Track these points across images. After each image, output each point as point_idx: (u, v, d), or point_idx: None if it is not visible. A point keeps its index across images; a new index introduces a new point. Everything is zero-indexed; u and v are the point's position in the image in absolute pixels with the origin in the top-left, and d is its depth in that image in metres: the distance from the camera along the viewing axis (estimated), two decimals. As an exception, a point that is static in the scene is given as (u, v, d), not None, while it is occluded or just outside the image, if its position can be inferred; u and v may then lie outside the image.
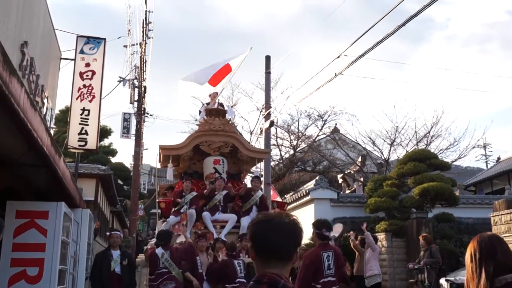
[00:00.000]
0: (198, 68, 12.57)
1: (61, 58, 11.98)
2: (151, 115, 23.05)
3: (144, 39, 20.10)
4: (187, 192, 9.18)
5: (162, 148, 10.07)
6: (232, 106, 12.02)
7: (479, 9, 70.61)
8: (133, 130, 22.29)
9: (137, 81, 21.18)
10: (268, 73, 17.75)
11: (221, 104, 11.38)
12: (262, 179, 10.66)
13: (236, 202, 9.64)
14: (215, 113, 10.40)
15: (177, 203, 9.03)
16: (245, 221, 8.90)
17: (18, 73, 3.65)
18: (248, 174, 12.90)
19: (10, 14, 6.38)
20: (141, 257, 8.99)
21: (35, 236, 5.54)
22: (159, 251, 7.55)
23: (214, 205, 9.14)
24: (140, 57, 20.53)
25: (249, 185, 10.53)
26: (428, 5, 7.94)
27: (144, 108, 21.70)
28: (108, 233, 8.26)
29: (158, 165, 12.17)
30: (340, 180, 24.90)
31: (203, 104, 11.30)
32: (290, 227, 1.89)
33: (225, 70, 11.98)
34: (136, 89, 21.28)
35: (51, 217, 5.67)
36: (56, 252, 5.59)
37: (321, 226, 6.06)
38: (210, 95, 11.24)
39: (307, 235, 11.02)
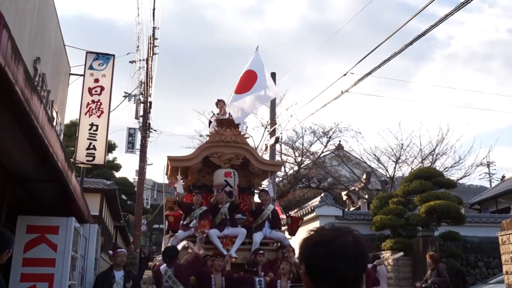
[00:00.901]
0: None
1: (71, 74, 12.10)
2: (155, 130, 23.16)
3: (151, 55, 20.27)
4: (197, 206, 8.74)
5: (171, 159, 9.55)
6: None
7: (481, 28, 71.08)
8: (137, 145, 22.32)
9: (142, 96, 21.31)
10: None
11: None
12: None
13: (247, 216, 9.21)
14: (226, 123, 9.88)
15: (186, 219, 8.72)
16: (258, 237, 8.60)
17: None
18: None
19: (24, 31, 6.49)
20: (147, 273, 8.52)
21: (45, 251, 5.55)
22: (163, 268, 7.19)
23: (221, 220, 8.75)
24: (146, 72, 20.69)
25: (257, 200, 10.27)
26: (436, 24, 8.04)
27: (149, 123, 21.80)
28: (111, 252, 7.33)
29: (163, 180, 11.92)
30: (345, 197, 24.85)
31: (213, 114, 10.69)
32: (356, 248, 1.54)
33: (248, 76, 11.09)
34: (142, 105, 21.40)
35: (61, 232, 5.69)
36: (66, 268, 5.59)
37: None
38: (217, 104, 10.79)
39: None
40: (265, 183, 11.94)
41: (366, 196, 22.18)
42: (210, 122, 10.67)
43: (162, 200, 24.76)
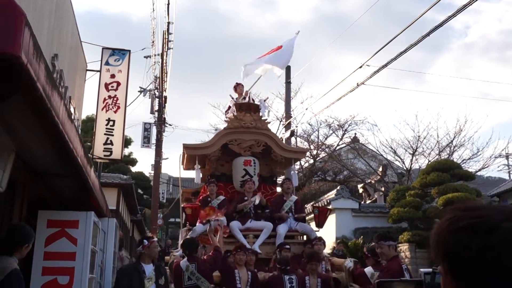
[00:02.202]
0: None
1: (87, 70, 12.20)
2: (170, 125, 23.30)
3: (165, 50, 20.35)
4: (213, 197, 8.22)
5: (187, 147, 8.86)
6: (265, 100, 10.02)
7: (498, 16, 69.94)
8: (153, 139, 22.48)
9: (157, 91, 21.42)
10: (288, 83, 17.86)
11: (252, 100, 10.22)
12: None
13: (270, 208, 8.54)
14: (246, 108, 9.13)
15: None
16: (283, 229, 8.02)
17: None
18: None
19: (42, 28, 6.56)
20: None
21: (66, 245, 5.63)
22: (183, 263, 6.45)
23: (245, 212, 8.16)
24: (161, 67, 20.78)
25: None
26: (454, 15, 7.97)
27: (164, 118, 21.92)
28: (146, 241, 6.13)
29: (179, 174, 11.10)
30: (361, 190, 24.75)
31: (232, 98, 9.97)
32: None
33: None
34: (157, 99, 21.52)
35: (81, 226, 5.76)
36: (86, 261, 5.66)
37: (393, 236, 5.61)
38: (236, 88, 10.00)
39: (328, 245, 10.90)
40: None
41: (383, 189, 22.06)
42: (229, 107, 10.04)
43: (178, 194, 24.93)
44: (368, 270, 6.51)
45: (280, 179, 11.05)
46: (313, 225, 9.34)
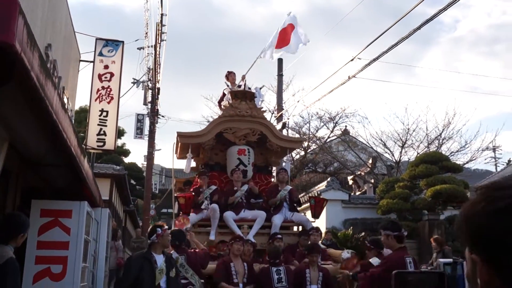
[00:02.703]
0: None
1: (80, 60, 12.12)
2: (163, 116, 23.20)
3: (159, 42, 20.21)
4: (205, 187, 7.98)
5: (180, 135, 8.44)
6: (260, 88, 9.61)
7: (487, 11, 70.21)
8: (146, 131, 22.39)
9: (150, 82, 21.31)
10: (280, 75, 17.81)
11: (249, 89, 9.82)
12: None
13: (264, 198, 8.22)
14: (241, 96, 8.71)
15: (197, 202, 7.84)
16: (278, 220, 7.72)
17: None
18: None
19: (36, 18, 6.48)
20: None
21: (59, 235, 5.61)
22: (172, 254, 6.01)
23: (237, 202, 7.85)
24: (154, 59, 20.65)
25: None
26: (444, 9, 7.98)
27: (157, 110, 21.82)
28: (159, 230, 5.50)
29: (172, 165, 10.70)
30: (351, 182, 24.87)
31: (227, 86, 9.55)
32: None
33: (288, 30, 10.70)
34: (150, 91, 21.41)
35: (74, 216, 5.74)
36: (79, 250, 5.66)
37: (399, 226, 5.14)
38: (228, 77, 9.64)
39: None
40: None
41: (372, 181, 22.18)
42: (223, 94, 9.61)
43: (170, 185, 24.89)
44: (374, 261, 6.31)
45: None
46: (308, 215, 9.19)
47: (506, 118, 68.59)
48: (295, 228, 8.55)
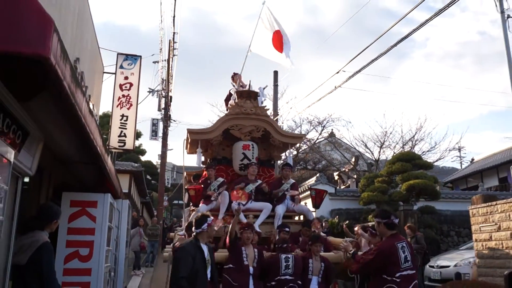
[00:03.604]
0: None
1: (104, 72, 12.11)
2: (174, 121, 23.15)
3: (171, 56, 20.22)
4: (212, 180, 7.64)
5: (190, 132, 8.08)
6: (264, 88, 9.06)
7: (454, 30, 70.34)
8: (160, 133, 22.39)
9: (164, 91, 21.31)
10: (276, 85, 17.80)
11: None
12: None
13: (269, 192, 7.80)
14: (246, 95, 8.37)
15: (206, 194, 7.47)
16: (281, 210, 7.38)
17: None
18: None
19: (66, 35, 6.47)
20: (168, 250, 6.68)
21: (86, 222, 5.60)
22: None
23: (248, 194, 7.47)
24: (167, 71, 20.65)
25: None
26: (417, 29, 7.98)
27: (170, 115, 21.82)
28: (210, 219, 4.85)
29: (181, 161, 9.95)
30: (336, 177, 24.88)
31: (233, 86, 9.06)
32: None
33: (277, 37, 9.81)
34: (163, 99, 21.41)
35: (99, 206, 5.73)
36: (103, 236, 5.64)
37: (388, 214, 4.60)
38: (233, 78, 9.16)
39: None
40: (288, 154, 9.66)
41: (355, 176, 22.21)
42: (230, 94, 9.04)
43: (181, 180, 24.88)
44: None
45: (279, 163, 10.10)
46: (309, 206, 8.71)
47: (470, 123, 68.80)
48: (296, 218, 8.10)
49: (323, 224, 12.72)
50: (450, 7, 6.50)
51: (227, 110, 8.56)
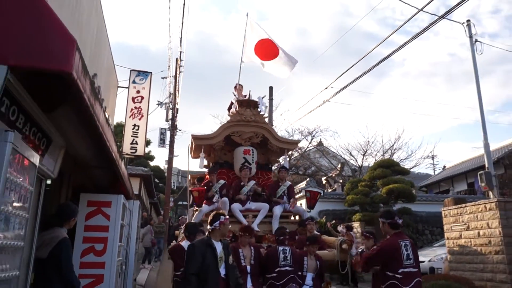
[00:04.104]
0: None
1: (118, 86, 12.10)
2: (180, 130, 23.12)
3: (178, 73, 20.25)
4: (214, 182, 7.43)
5: (195, 137, 7.85)
6: (263, 98, 8.72)
7: (428, 51, 70.89)
8: (167, 141, 22.34)
9: (171, 104, 21.30)
10: (271, 99, 17.83)
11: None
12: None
13: (266, 193, 7.59)
14: (246, 104, 8.21)
15: (209, 196, 7.26)
16: (278, 210, 7.14)
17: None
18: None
19: (85, 53, 6.48)
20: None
21: (101, 220, 5.56)
22: (185, 243, 5.46)
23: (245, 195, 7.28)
24: (174, 86, 20.67)
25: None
26: (397, 50, 8.13)
27: (176, 125, 21.79)
28: (222, 217, 4.35)
29: (186, 166, 9.78)
30: (324, 182, 24.87)
31: (235, 95, 8.74)
32: None
33: (266, 44, 9.24)
34: (170, 110, 21.40)
35: (113, 206, 5.69)
36: (116, 233, 5.59)
37: (392, 214, 4.34)
38: (236, 89, 8.85)
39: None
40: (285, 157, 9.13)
41: (341, 181, 22.20)
42: (231, 103, 8.74)
43: (185, 183, 24.77)
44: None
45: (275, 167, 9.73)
46: (304, 206, 8.54)
47: (442, 134, 69.01)
48: (292, 218, 7.88)
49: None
50: (425, 32, 6.56)
51: (229, 117, 8.44)
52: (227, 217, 4.41)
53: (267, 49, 9.22)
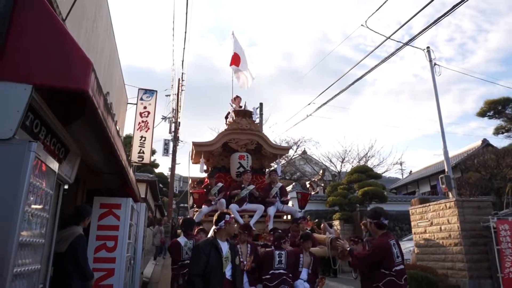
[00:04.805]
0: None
1: (128, 103, 12.08)
2: (182, 141, 23.00)
3: (180, 91, 20.23)
4: (213, 185, 7.18)
5: (195, 144, 7.63)
6: (257, 108, 8.44)
7: (395, 73, 71.88)
8: (170, 151, 22.18)
9: (173, 118, 21.24)
10: (261, 114, 17.90)
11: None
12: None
13: (259, 193, 7.29)
14: (242, 114, 8.04)
15: (208, 199, 7.04)
16: (271, 211, 6.88)
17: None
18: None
19: (100, 73, 6.49)
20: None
21: (112, 220, 5.48)
22: (181, 239, 5.18)
23: (241, 198, 7.06)
24: (177, 102, 20.64)
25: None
26: (369, 71, 8.26)
27: (178, 137, 21.70)
28: (228, 216, 3.88)
29: (187, 172, 9.64)
30: (308, 185, 24.89)
31: (231, 106, 8.47)
32: None
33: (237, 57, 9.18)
34: (173, 124, 21.32)
35: (122, 208, 5.62)
36: (125, 231, 5.52)
37: (378, 215, 3.93)
38: (235, 100, 8.53)
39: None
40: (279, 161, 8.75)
41: (322, 185, 22.23)
42: (228, 113, 8.48)
43: (186, 188, 24.61)
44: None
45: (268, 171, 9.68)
46: (296, 207, 8.16)
47: (408, 143, 69.71)
48: (284, 217, 7.58)
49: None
50: (392, 56, 6.71)
51: (226, 126, 8.23)
52: (232, 215, 3.98)
53: (240, 61, 9.15)
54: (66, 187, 4.45)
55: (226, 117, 8.54)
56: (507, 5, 77.12)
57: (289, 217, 7.23)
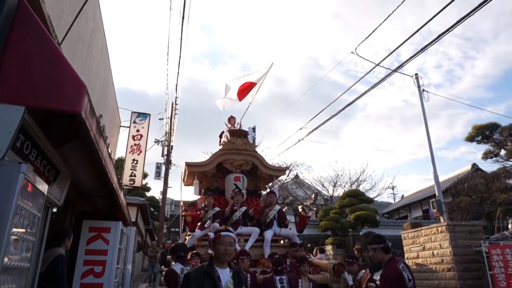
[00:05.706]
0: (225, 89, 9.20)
1: (120, 126, 12.07)
2: (174, 164, 22.89)
3: (173, 115, 20.31)
4: (210, 207, 6.74)
5: (188, 165, 7.25)
6: (253, 128, 8.09)
7: (385, 98, 73.35)
8: (162, 174, 22.00)
9: (166, 142, 21.20)
10: (254, 139, 18.02)
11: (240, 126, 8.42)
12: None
13: (255, 217, 6.92)
14: (237, 133, 7.74)
15: (202, 219, 6.66)
16: (269, 235, 6.52)
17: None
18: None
19: (93, 96, 6.50)
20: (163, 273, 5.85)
21: (101, 244, 5.39)
22: (177, 266, 4.41)
23: (235, 220, 6.67)
24: (170, 126, 20.67)
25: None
26: (359, 97, 8.44)
27: (170, 160, 21.59)
28: (223, 233, 2.84)
29: (179, 197, 9.08)
30: (300, 209, 24.73)
31: (226, 125, 8.21)
32: None
33: (249, 86, 9.00)
34: (166, 147, 21.26)
35: (112, 231, 5.54)
36: (114, 256, 5.41)
37: (383, 239, 3.69)
38: (230, 120, 8.27)
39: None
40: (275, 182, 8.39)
41: (315, 209, 22.12)
42: (222, 132, 8.21)
43: (178, 212, 24.26)
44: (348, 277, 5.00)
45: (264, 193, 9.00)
46: (294, 230, 7.76)
47: (399, 167, 70.23)
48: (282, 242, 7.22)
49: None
50: (382, 82, 6.88)
51: (220, 146, 7.92)
52: (228, 234, 3.17)
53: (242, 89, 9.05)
54: (54, 210, 4.36)
55: (220, 136, 8.29)
56: (492, 34, 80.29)
57: (286, 241, 6.87)
